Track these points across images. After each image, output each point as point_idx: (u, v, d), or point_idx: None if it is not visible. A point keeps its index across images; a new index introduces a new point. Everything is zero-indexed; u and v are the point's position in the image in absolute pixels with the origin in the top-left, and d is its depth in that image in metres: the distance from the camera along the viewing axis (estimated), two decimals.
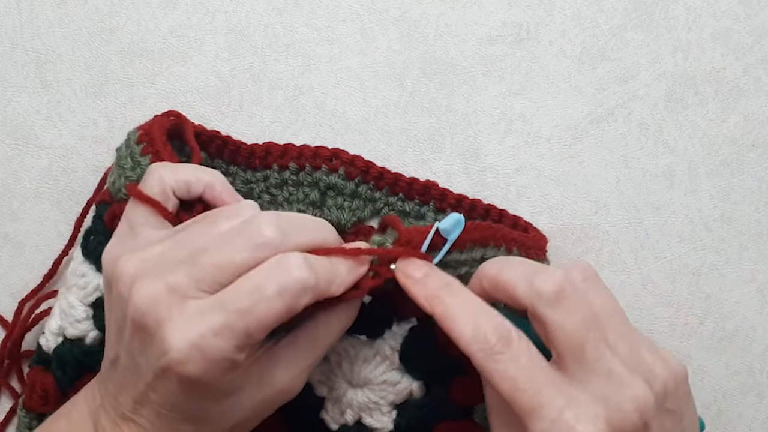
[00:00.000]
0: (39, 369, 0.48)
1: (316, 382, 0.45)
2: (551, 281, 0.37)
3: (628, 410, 0.36)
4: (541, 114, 0.52)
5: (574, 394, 0.36)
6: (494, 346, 0.36)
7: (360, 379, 0.44)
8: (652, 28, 0.52)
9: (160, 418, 0.38)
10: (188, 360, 0.36)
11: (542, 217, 0.51)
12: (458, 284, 0.39)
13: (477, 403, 0.45)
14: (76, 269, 0.47)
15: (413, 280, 0.39)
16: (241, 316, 0.36)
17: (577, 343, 0.36)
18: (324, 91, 0.52)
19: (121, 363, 0.39)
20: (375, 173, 0.50)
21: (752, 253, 0.52)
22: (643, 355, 0.38)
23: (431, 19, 0.52)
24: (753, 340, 0.53)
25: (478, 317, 0.37)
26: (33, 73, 0.52)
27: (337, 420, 0.45)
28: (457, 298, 0.38)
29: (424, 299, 0.38)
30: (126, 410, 0.39)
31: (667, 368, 0.38)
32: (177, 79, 0.52)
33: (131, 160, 0.46)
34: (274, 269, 0.36)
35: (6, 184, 0.52)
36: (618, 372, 0.36)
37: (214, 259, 0.37)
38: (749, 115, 0.53)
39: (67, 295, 0.47)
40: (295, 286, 0.36)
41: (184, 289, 0.36)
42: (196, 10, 0.52)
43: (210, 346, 0.35)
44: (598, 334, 0.37)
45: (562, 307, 0.37)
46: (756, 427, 0.53)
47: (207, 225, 0.39)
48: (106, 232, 0.46)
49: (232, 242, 0.37)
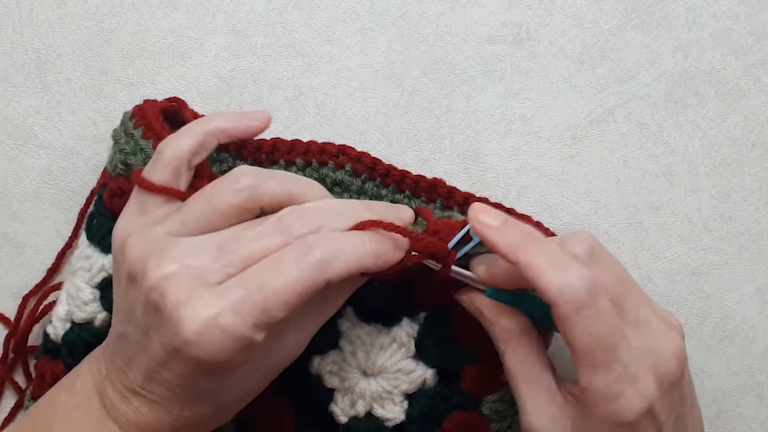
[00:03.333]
0: (47, 359, 0.49)
1: (327, 374, 0.45)
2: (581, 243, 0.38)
3: (671, 359, 0.38)
4: (541, 114, 0.52)
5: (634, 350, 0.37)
6: (583, 300, 0.36)
7: (375, 368, 0.44)
8: (652, 28, 0.52)
9: (173, 392, 0.38)
10: (204, 341, 0.35)
11: (542, 217, 0.51)
12: (539, 234, 0.39)
13: (486, 394, 0.45)
14: (81, 252, 0.48)
15: (491, 228, 0.39)
16: (258, 291, 0.35)
17: (617, 298, 0.38)
18: (324, 91, 0.52)
19: (131, 339, 0.39)
20: (382, 170, 0.50)
21: (752, 253, 0.53)
22: (659, 310, 0.40)
23: (431, 19, 0.52)
24: (753, 340, 0.53)
25: (565, 268, 0.36)
26: (33, 73, 0.52)
27: (347, 412, 0.45)
28: (541, 248, 0.38)
29: (506, 247, 0.38)
30: (135, 385, 0.38)
31: (675, 321, 0.41)
32: (177, 79, 0.52)
33: (125, 135, 0.46)
34: (293, 247, 0.37)
35: (6, 184, 0.52)
36: (654, 323, 0.38)
37: (246, 247, 0.37)
38: (749, 115, 0.53)
39: (73, 279, 0.48)
40: (312, 259, 0.36)
41: (207, 273, 0.36)
42: (196, 10, 0.52)
43: (228, 323, 0.35)
44: (630, 287, 0.39)
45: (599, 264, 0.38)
46: (756, 427, 0.53)
47: (206, 202, 0.39)
48: (106, 212, 0.47)
49: (265, 230, 0.38)
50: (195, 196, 0.40)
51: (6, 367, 0.52)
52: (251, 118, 0.43)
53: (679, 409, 0.39)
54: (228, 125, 0.42)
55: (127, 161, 0.46)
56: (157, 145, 0.43)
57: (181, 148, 0.41)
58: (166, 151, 0.41)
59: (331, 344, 0.45)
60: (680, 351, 0.38)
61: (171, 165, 0.41)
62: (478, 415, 0.45)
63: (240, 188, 0.39)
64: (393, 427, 0.45)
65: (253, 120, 0.43)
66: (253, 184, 0.39)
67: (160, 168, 0.41)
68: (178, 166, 0.41)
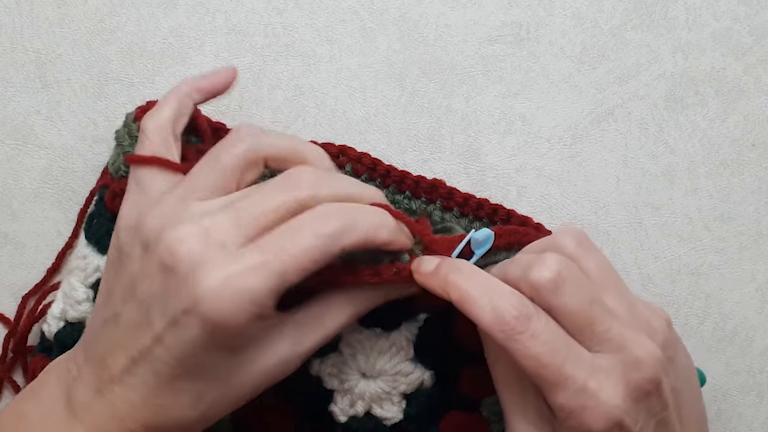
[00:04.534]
0: (41, 357, 0.49)
1: (327, 375, 0.45)
2: (547, 270, 0.37)
3: (643, 368, 0.37)
4: (541, 114, 0.52)
5: (594, 361, 0.37)
6: (514, 326, 0.36)
7: (374, 371, 0.45)
8: (652, 28, 0.52)
9: (158, 376, 0.36)
10: (218, 300, 0.35)
11: (542, 217, 0.51)
12: (469, 266, 0.39)
13: (485, 395, 0.45)
14: (79, 252, 0.48)
15: (427, 274, 0.39)
16: (276, 255, 0.35)
17: (585, 322, 0.37)
18: (324, 91, 0.52)
19: (123, 319, 0.37)
20: (382, 170, 0.50)
21: (752, 253, 0.52)
22: (639, 311, 0.40)
23: (431, 19, 0.52)
24: (753, 340, 0.53)
25: (494, 298, 0.37)
26: (33, 73, 0.52)
27: (346, 412, 0.45)
28: (471, 281, 0.38)
29: (440, 288, 0.38)
30: (115, 371, 0.37)
31: (659, 319, 0.40)
32: (177, 79, 0.52)
33: (128, 136, 0.46)
34: (310, 214, 0.37)
35: (6, 184, 0.52)
36: (625, 336, 0.37)
37: (256, 203, 0.37)
38: (749, 115, 0.53)
39: (69, 278, 0.48)
40: (329, 228, 0.36)
41: (223, 234, 0.36)
42: (196, 10, 0.52)
43: (247, 283, 0.35)
44: (601, 307, 0.38)
45: (563, 291, 0.37)
46: (756, 427, 0.53)
47: (213, 161, 0.39)
48: (107, 213, 0.47)
49: (271, 186, 0.38)
50: (201, 161, 0.40)
51: (5, 367, 0.52)
52: (218, 74, 0.45)
53: (661, 413, 0.38)
54: (198, 84, 0.44)
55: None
56: None
57: (161, 118, 0.42)
58: (149, 125, 0.42)
59: (331, 347, 0.45)
60: (654, 358, 0.37)
61: (157, 137, 0.42)
62: (477, 416, 0.45)
63: (242, 138, 0.39)
64: (391, 426, 0.45)
65: (220, 75, 0.45)
66: (254, 133, 0.40)
67: (147, 143, 0.42)
68: (164, 136, 0.42)
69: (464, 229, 0.51)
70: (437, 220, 0.48)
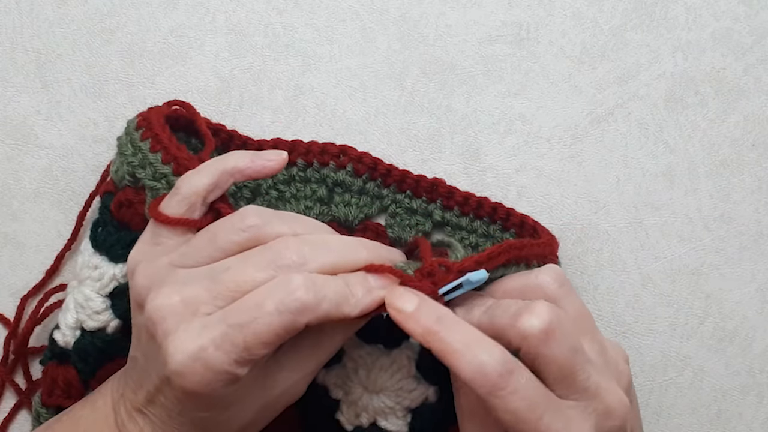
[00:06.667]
0: (55, 364, 0.49)
1: (332, 386, 0.45)
2: (536, 319, 0.37)
3: (614, 417, 0.39)
4: (541, 114, 0.52)
5: (569, 413, 0.38)
6: (495, 383, 0.36)
7: (376, 386, 0.44)
8: (652, 28, 0.52)
9: (170, 417, 0.39)
10: (188, 372, 0.36)
11: (542, 217, 0.51)
12: (452, 316, 0.39)
13: None
14: (88, 262, 0.48)
15: (405, 315, 0.38)
16: (239, 330, 0.36)
17: (568, 371, 0.38)
18: (324, 91, 0.52)
19: (139, 363, 0.41)
20: (383, 170, 0.50)
21: (752, 253, 0.53)
22: (609, 355, 0.41)
23: (431, 19, 0.52)
24: (753, 340, 0.53)
25: (476, 353, 0.37)
26: (33, 73, 0.52)
27: (352, 422, 0.45)
28: (453, 333, 0.37)
29: (420, 336, 0.38)
30: (140, 405, 0.40)
31: (623, 361, 0.42)
32: (177, 79, 0.52)
33: (131, 146, 0.46)
34: (276, 287, 0.37)
35: (6, 184, 0.52)
36: (600, 384, 0.39)
37: (234, 277, 0.38)
38: (749, 115, 0.53)
39: (81, 288, 0.47)
40: (294, 305, 0.36)
41: (197, 304, 0.37)
42: (196, 10, 0.52)
43: (210, 358, 0.36)
44: (582, 355, 0.39)
45: (552, 341, 0.37)
46: (756, 427, 0.53)
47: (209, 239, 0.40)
48: (114, 221, 0.47)
49: (252, 261, 0.38)
50: (200, 232, 0.41)
51: (7, 369, 0.51)
52: (267, 158, 0.43)
53: None
54: (244, 165, 0.43)
55: (136, 174, 0.45)
56: (166, 158, 0.44)
57: (197, 186, 0.42)
58: (183, 188, 0.42)
59: (335, 359, 0.44)
60: (623, 406, 0.39)
61: (187, 201, 0.42)
62: None
63: (244, 227, 0.39)
64: None
65: (268, 160, 0.43)
66: (258, 223, 0.39)
67: (175, 203, 0.42)
68: (193, 201, 0.42)
69: (464, 229, 0.51)
70: (438, 241, 0.49)
